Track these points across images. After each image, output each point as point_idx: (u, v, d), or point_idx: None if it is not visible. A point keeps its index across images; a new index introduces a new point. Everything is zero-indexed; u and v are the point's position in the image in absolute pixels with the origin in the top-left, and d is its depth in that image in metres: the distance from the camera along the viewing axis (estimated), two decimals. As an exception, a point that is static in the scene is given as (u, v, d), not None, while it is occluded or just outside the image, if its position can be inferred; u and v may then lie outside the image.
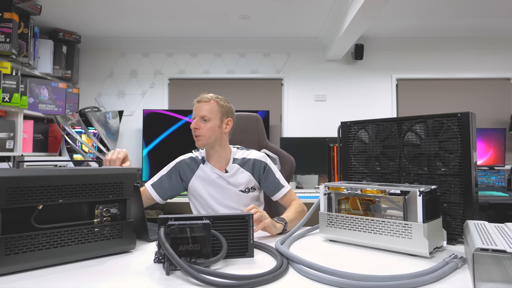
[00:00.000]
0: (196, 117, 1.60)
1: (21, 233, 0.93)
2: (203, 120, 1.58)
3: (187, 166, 1.67)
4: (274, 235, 1.35)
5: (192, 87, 3.95)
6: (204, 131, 1.57)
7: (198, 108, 1.60)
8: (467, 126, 1.22)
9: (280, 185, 1.65)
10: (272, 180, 1.65)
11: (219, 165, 1.66)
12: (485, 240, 0.85)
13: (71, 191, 1.02)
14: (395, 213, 1.12)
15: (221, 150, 1.65)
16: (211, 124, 1.59)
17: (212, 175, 1.64)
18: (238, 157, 1.68)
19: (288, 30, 3.67)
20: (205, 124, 1.58)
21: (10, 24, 2.75)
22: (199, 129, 1.58)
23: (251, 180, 1.66)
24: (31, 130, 3.22)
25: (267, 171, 1.66)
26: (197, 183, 1.65)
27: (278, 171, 1.69)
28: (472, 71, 3.91)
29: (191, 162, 1.67)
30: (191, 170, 1.66)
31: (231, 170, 1.65)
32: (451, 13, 3.26)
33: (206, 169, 1.65)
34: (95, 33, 3.74)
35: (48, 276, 0.91)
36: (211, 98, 1.61)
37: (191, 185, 1.66)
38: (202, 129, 1.58)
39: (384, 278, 0.84)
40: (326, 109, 3.94)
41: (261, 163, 1.67)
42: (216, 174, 1.64)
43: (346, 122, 1.53)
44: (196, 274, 0.83)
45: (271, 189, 1.65)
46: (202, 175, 1.65)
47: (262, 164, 1.67)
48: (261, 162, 1.67)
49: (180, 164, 1.67)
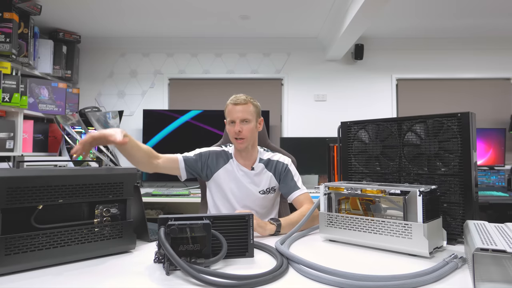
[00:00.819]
0: (236, 120, 1.60)
1: (21, 233, 0.93)
2: (244, 122, 1.61)
3: (217, 156, 1.70)
4: (274, 235, 1.35)
5: (192, 87, 3.95)
6: (245, 133, 1.60)
7: (237, 111, 1.61)
8: (467, 126, 1.22)
9: (296, 187, 1.67)
10: (290, 181, 1.68)
11: (246, 163, 1.70)
12: (485, 240, 0.85)
13: (71, 191, 1.02)
14: (395, 213, 1.12)
15: (252, 149, 1.70)
16: (251, 125, 1.63)
17: (238, 173, 1.68)
18: (264, 158, 1.72)
19: (288, 30, 3.67)
20: (246, 126, 1.61)
21: (10, 24, 2.75)
22: (242, 132, 1.59)
23: (272, 180, 1.70)
24: (31, 130, 3.22)
25: (286, 172, 1.69)
26: (223, 175, 1.68)
27: (298, 174, 1.72)
28: (472, 71, 3.91)
29: (223, 154, 1.71)
30: (221, 161, 1.69)
31: (257, 169, 1.69)
32: (451, 13, 3.26)
33: (233, 165, 1.69)
34: (95, 33, 3.74)
35: (48, 276, 0.91)
36: (246, 100, 1.63)
37: (216, 176, 1.68)
38: (244, 131, 1.60)
39: (384, 278, 0.84)
40: (326, 109, 3.93)
41: (283, 165, 1.71)
42: (242, 171, 1.68)
43: (346, 122, 1.53)
44: (196, 274, 0.83)
45: (286, 190, 1.68)
46: (230, 169, 1.68)
47: (284, 165, 1.70)
48: (283, 164, 1.71)
49: (210, 153, 1.70)
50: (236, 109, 1.61)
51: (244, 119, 1.61)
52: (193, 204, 3.14)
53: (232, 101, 1.64)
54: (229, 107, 1.64)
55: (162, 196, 3.08)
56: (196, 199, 2.92)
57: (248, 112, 1.62)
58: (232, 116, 1.62)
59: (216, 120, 3.52)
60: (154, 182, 3.64)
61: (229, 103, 1.65)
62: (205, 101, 3.90)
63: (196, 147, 1.74)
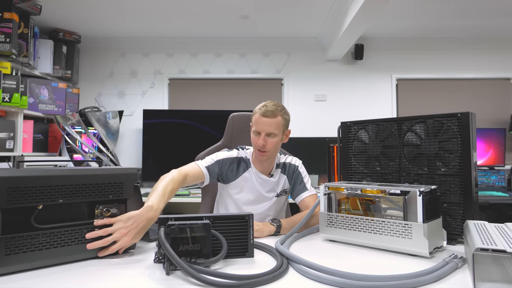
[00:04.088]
0: (262, 132, 1.52)
1: (21, 233, 0.93)
2: (270, 136, 1.53)
3: (237, 164, 1.63)
4: (274, 235, 1.35)
5: (192, 87, 3.95)
6: (270, 147, 1.53)
7: (264, 123, 1.52)
8: (467, 126, 1.22)
9: (304, 188, 1.65)
10: (299, 183, 1.66)
11: (265, 170, 1.64)
12: (485, 240, 0.85)
13: (71, 191, 1.02)
14: (395, 213, 1.12)
15: (272, 158, 1.64)
16: (277, 139, 1.55)
17: (256, 181, 1.63)
18: (279, 162, 1.69)
19: (288, 30, 3.67)
20: (271, 140, 1.53)
21: (10, 24, 2.75)
22: (266, 146, 1.52)
23: (286, 183, 1.68)
24: (31, 130, 3.22)
25: (297, 174, 1.68)
26: (241, 184, 1.62)
27: (307, 176, 1.70)
28: (472, 71, 3.91)
29: (242, 162, 1.64)
30: (241, 170, 1.63)
31: (275, 175, 1.66)
32: (451, 13, 3.26)
33: (251, 173, 1.63)
34: (95, 33, 3.74)
35: (48, 276, 0.91)
36: (276, 112, 1.52)
37: (234, 184, 1.62)
38: (269, 144, 1.53)
39: (384, 278, 0.84)
40: (326, 109, 3.93)
41: (294, 166, 1.69)
42: (261, 179, 1.63)
43: (346, 122, 1.53)
44: (196, 274, 0.83)
45: (295, 191, 1.67)
46: (248, 177, 1.63)
47: (295, 167, 1.69)
48: (295, 166, 1.69)
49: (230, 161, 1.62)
50: (263, 121, 1.52)
51: (271, 133, 1.52)
52: (193, 204, 3.14)
53: (260, 111, 1.53)
54: (256, 116, 1.54)
55: (162, 196, 3.07)
56: (196, 199, 2.92)
57: (276, 125, 1.52)
58: (258, 127, 1.53)
59: (216, 120, 3.51)
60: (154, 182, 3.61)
61: (257, 111, 1.55)
62: (205, 101, 3.90)
63: (196, 147, 1.73)
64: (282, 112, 1.56)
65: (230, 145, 1.92)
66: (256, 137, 1.55)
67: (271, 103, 1.55)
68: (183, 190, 3.28)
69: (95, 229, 1.05)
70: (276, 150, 1.60)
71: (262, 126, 1.52)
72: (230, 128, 1.95)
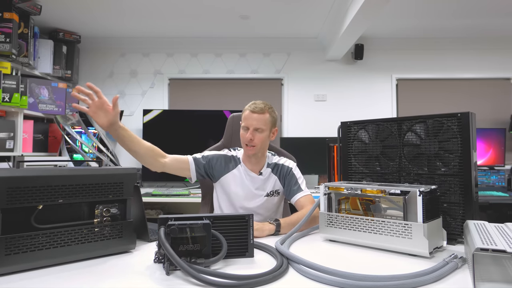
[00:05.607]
0: (250, 127, 1.61)
1: (21, 233, 0.93)
2: (257, 131, 1.61)
3: (226, 160, 1.70)
4: (274, 235, 1.35)
5: (192, 87, 3.95)
6: (256, 142, 1.61)
7: (252, 118, 1.61)
8: (467, 126, 1.22)
9: (299, 189, 1.67)
10: (293, 184, 1.69)
11: (254, 167, 1.70)
12: (485, 240, 0.85)
13: (71, 191, 1.02)
14: (395, 213, 1.12)
15: (261, 156, 1.70)
16: (264, 135, 1.63)
17: (245, 178, 1.69)
18: (271, 162, 1.74)
19: (288, 30, 3.67)
20: (258, 135, 1.61)
21: (10, 24, 2.75)
22: (253, 140, 1.60)
23: (277, 183, 1.71)
24: (31, 130, 3.22)
25: (291, 175, 1.71)
26: (230, 180, 1.69)
27: (302, 178, 1.73)
28: (472, 71, 3.91)
29: (231, 159, 1.72)
30: (230, 166, 1.70)
31: (265, 174, 1.71)
32: (451, 13, 3.26)
33: (241, 170, 1.70)
34: (95, 33, 3.74)
35: (48, 276, 0.91)
36: (264, 109, 1.63)
37: (223, 179, 1.69)
38: (256, 139, 1.61)
39: (384, 278, 0.84)
40: (326, 109, 3.93)
41: (288, 168, 1.72)
42: (250, 176, 1.69)
43: (346, 122, 1.53)
44: (196, 274, 0.83)
45: (289, 192, 1.69)
46: (237, 174, 1.69)
47: (288, 169, 1.72)
48: (288, 167, 1.72)
49: (219, 156, 1.70)
50: (252, 116, 1.61)
51: (258, 128, 1.61)
52: (193, 204, 3.14)
53: (250, 108, 1.63)
54: (246, 112, 1.64)
55: (162, 196, 3.08)
56: (196, 199, 2.92)
57: (263, 121, 1.62)
58: (247, 122, 1.62)
59: (216, 120, 3.51)
60: (154, 182, 3.63)
61: (247, 108, 1.65)
62: (205, 101, 3.90)
63: (196, 147, 1.74)
64: (270, 110, 1.66)
65: (230, 145, 1.92)
66: (245, 132, 1.63)
67: (260, 101, 1.66)
68: (183, 190, 3.28)
69: (95, 230, 1.05)
70: (263, 147, 1.67)
71: (251, 121, 1.61)
72: (230, 128, 1.95)
